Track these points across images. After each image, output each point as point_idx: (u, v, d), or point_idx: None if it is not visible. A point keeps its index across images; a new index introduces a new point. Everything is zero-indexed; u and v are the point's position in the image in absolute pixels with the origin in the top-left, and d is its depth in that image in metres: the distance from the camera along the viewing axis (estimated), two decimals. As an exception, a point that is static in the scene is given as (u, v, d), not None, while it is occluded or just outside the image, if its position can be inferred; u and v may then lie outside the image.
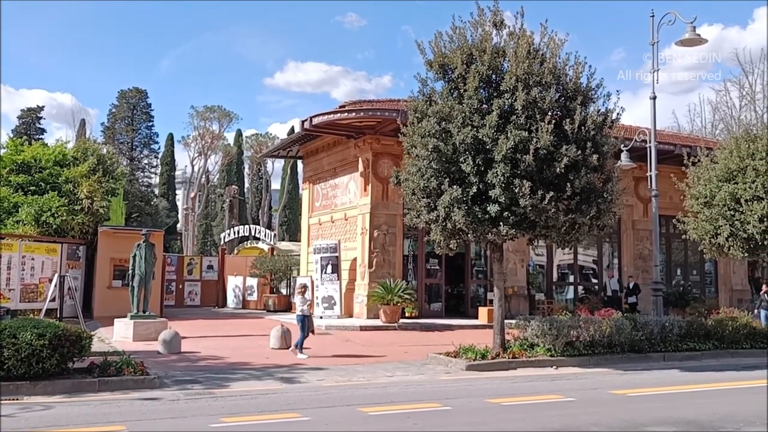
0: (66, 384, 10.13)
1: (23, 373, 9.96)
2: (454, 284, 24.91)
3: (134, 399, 9.54)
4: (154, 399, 9.58)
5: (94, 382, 10.29)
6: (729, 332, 16.08)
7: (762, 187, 16.32)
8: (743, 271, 28.45)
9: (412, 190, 13.78)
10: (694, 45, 17.36)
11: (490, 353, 13.61)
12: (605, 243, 26.76)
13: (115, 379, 10.45)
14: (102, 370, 10.65)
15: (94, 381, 10.31)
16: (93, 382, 10.29)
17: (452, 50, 13.59)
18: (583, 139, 12.87)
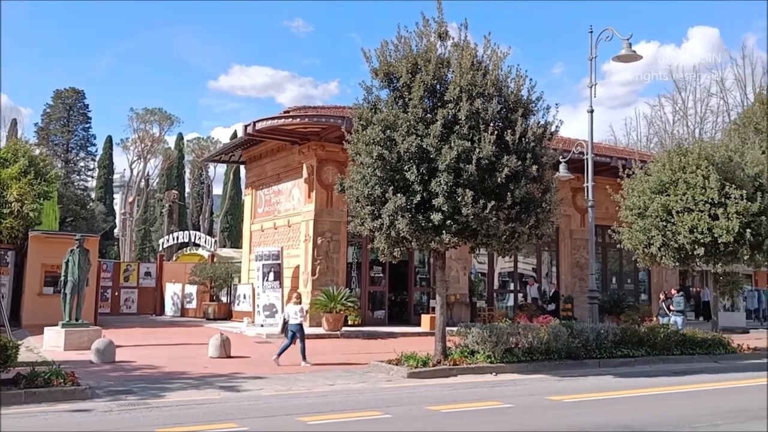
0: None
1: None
2: (398, 292, 25.02)
3: (63, 411, 9.20)
4: (84, 411, 9.27)
5: (20, 393, 9.78)
6: (661, 339, 16.58)
7: (692, 199, 16.94)
8: (675, 280, 29.43)
9: (356, 197, 13.79)
10: (630, 61, 17.92)
11: (431, 360, 13.70)
12: (544, 251, 27.32)
13: (43, 390, 9.97)
14: (29, 381, 10.12)
15: (20, 392, 9.79)
16: (19, 393, 9.77)
17: (398, 59, 13.68)
18: (524, 150, 13.13)
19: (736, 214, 16.43)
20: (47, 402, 9.75)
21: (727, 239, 16.49)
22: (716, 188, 16.66)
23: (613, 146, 40.43)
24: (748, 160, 17.91)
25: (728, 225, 16.40)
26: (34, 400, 9.75)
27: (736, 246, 16.81)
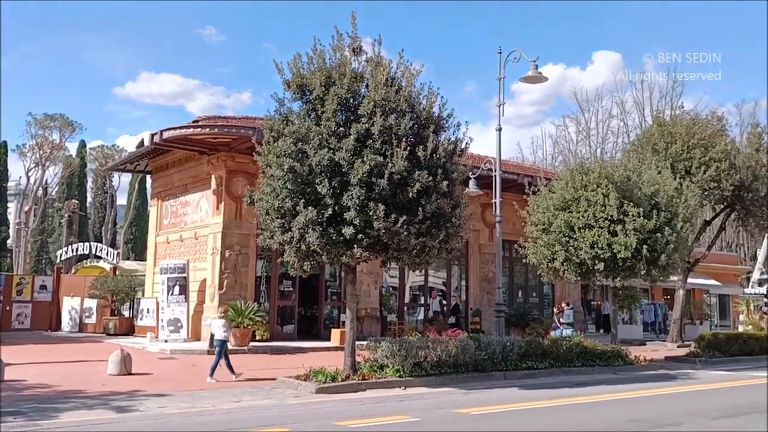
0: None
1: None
2: (308, 306, 24.79)
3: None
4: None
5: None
6: (563, 351, 17.10)
7: (593, 216, 17.61)
8: (577, 294, 30.53)
9: (266, 210, 13.60)
10: (536, 82, 18.53)
11: (340, 375, 13.61)
12: (454, 265, 27.76)
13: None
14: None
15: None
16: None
17: (311, 72, 13.62)
18: (435, 166, 13.31)
19: (633, 231, 17.18)
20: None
21: (625, 255, 17.20)
22: (615, 206, 17.37)
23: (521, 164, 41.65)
24: (645, 179, 18.79)
25: (626, 241, 17.13)
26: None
27: (634, 261, 17.57)
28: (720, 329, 33.16)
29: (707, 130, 25.03)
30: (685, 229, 18.70)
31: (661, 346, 26.40)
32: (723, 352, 20.80)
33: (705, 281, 36.20)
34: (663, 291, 35.36)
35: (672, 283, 27.19)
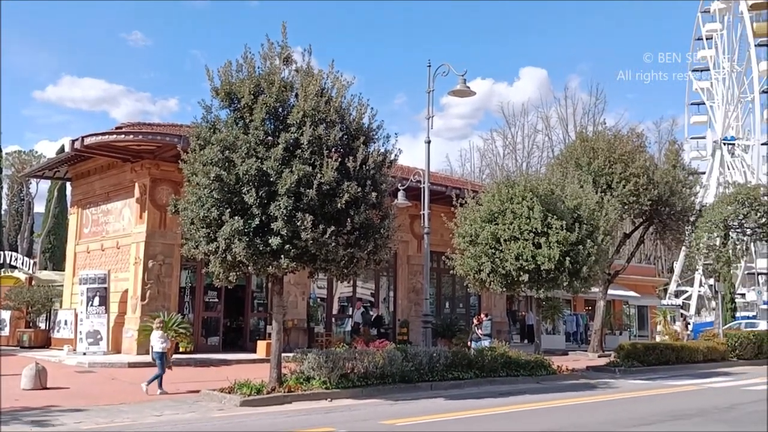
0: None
1: None
2: (234, 317, 24.36)
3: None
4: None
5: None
6: (488, 361, 17.33)
7: (518, 228, 17.96)
8: (503, 305, 31.04)
9: (191, 219, 13.31)
10: (464, 96, 18.84)
11: (265, 388, 13.40)
12: (382, 276, 27.81)
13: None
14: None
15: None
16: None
17: (240, 80, 13.46)
18: (364, 177, 13.34)
19: (557, 244, 17.61)
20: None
21: (548, 266, 17.61)
22: (540, 219, 17.78)
23: (449, 176, 42.23)
24: (568, 193, 19.31)
25: (550, 253, 17.54)
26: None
27: (557, 273, 18.00)
28: (638, 339, 34.24)
29: (627, 146, 25.95)
30: (606, 242, 19.30)
31: (583, 355, 27.11)
32: (641, 362, 21.48)
33: (624, 292, 37.41)
34: (585, 302, 36.34)
35: (593, 294, 28.03)
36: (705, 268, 34.94)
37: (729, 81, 68.01)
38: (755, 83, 65.37)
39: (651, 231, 28.94)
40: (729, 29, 69.29)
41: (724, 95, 68.23)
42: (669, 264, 71.23)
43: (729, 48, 68.86)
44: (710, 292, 45.59)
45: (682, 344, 24.43)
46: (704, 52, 70.55)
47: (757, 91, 65.24)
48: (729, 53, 68.53)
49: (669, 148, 30.43)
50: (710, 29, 70.06)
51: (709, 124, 70.26)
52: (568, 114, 67.51)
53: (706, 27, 70.47)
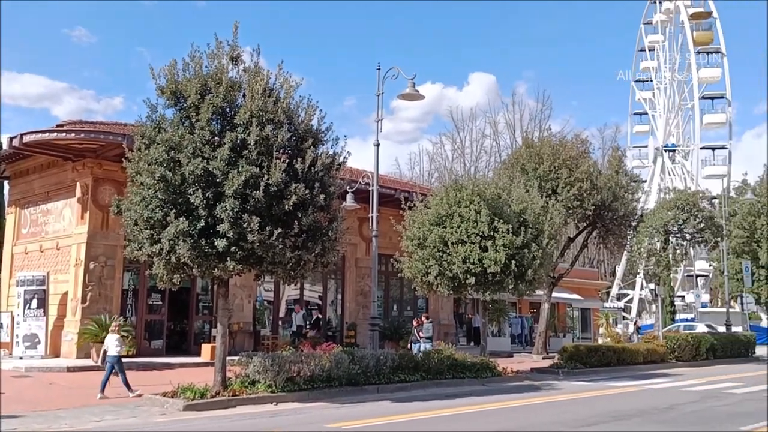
0: None
1: None
2: (178, 320, 23.94)
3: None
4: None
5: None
6: (435, 364, 17.44)
7: (465, 231, 18.13)
8: (450, 307, 31.26)
9: (134, 220, 13.03)
10: (413, 99, 18.89)
11: (209, 392, 13.20)
12: (331, 279, 27.70)
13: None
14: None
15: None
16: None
17: (187, 79, 13.26)
18: (312, 179, 13.27)
19: (503, 247, 17.83)
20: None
21: (495, 270, 17.81)
22: (486, 222, 17.97)
23: (398, 179, 42.39)
24: (515, 197, 19.58)
25: (496, 256, 17.75)
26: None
27: (503, 276, 18.22)
28: (581, 341, 34.98)
29: (572, 151, 26.43)
30: (551, 246, 19.63)
31: (528, 357, 27.52)
32: (584, 364, 21.91)
33: (568, 295, 38.11)
34: (530, 305, 36.90)
35: (538, 297, 28.51)
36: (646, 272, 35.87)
37: (670, 90, 70.18)
38: (695, 90, 67.59)
39: (594, 235, 29.55)
40: (670, 40, 71.56)
41: (665, 104, 70.36)
42: (611, 267, 72.91)
43: (670, 58, 71.09)
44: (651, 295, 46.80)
45: (623, 346, 24.99)
46: (647, 63, 72.83)
47: (697, 98, 67.43)
48: (670, 63, 70.76)
49: (612, 155, 31.11)
50: (652, 40, 72.31)
51: (651, 132, 72.39)
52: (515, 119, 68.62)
53: (648, 38, 72.77)
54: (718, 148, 68.63)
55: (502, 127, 68.50)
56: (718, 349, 28.33)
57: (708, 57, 68.62)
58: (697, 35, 68.09)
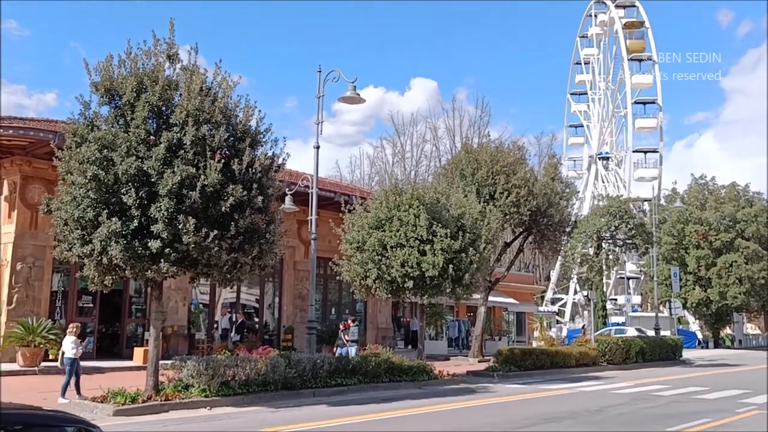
0: None
1: None
2: (110, 323, 23.31)
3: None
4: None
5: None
6: (372, 367, 17.45)
7: (404, 235, 18.23)
8: (388, 311, 31.36)
9: (65, 220, 12.63)
10: (354, 103, 18.91)
11: (141, 396, 12.88)
12: (268, 282, 27.43)
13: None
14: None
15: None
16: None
17: (122, 76, 12.95)
18: (250, 180, 13.12)
19: (441, 251, 18.00)
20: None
21: (433, 273, 17.97)
22: (425, 226, 18.12)
23: (338, 182, 42.33)
24: (453, 202, 19.79)
25: (434, 260, 17.90)
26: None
27: (441, 280, 18.39)
28: (517, 345, 35.50)
29: (509, 158, 26.90)
30: (488, 250, 19.92)
31: (464, 360, 27.82)
32: (518, 367, 22.26)
33: (504, 299, 38.74)
34: (467, 308, 37.32)
35: (475, 300, 28.85)
36: (579, 277, 36.76)
37: (604, 99, 72.47)
38: (628, 95, 69.98)
39: (530, 240, 30.10)
40: (605, 52, 74.04)
41: (600, 114, 72.59)
42: (546, 272, 74.51)
43: (605, 68, 73.48)
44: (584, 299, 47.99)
45: (556, 349, 25.51)
46: (582, 76, 75.30)
47: (630, 103, 69.71)
48: (604, 74, 73.11)
49: (548, 162, 31.83)
50: (588, 54, 74.70)
51: (585, 141, 74.52)
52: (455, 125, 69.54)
53: (584, 51, 75.12)
54: (649, 151, 71.23)
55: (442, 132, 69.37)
56: (647, 352, 29.23)
57: (640, 65, 71.29)
58: (630, 44, 70.81)
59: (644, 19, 72.55)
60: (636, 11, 73.46)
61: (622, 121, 72.27)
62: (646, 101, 71.43)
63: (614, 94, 72.43)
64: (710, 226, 44.92)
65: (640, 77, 70.24)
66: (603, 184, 70.29)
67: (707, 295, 44.36)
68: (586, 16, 77.00)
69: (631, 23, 72.14)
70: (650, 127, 70.73)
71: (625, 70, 69.90)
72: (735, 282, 43.13)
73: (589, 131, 73.97)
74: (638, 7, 73.37)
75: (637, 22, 72.40)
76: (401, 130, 69.95)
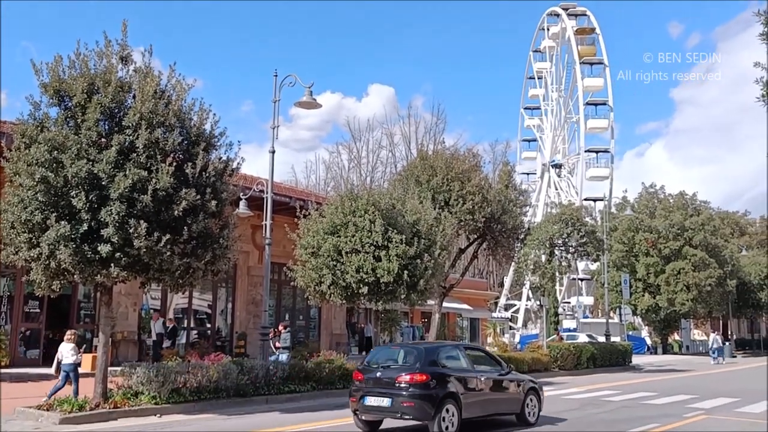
0: None
1: None
2: (58, 329, 22.67)
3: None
4: None
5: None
6: (326, 374, 17.41)
7: (360, 241, 18.22)
8: (342, 317, 31.29)
9: (11, 222, 12.31)
10: (310, 108, 18.88)
11: (89, 404, 12.62)
12: (221, 288, 27.12)
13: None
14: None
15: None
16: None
17: (73, 77, 12.71)
18: (204, 185, 12.99)
19: (396, 257, 18.04)
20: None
21: (388, 279, 17.98)
22: (381, 232, 18.13)
23: (294, 187, 42.10)
24: (409, 208, 19.87)
25: (389, 266, 17.93)
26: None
27: (395, 286, 18.42)
28: (470, 350, 35.74)
29: (464, 165, 27.07)
30: (442, 256, 20.02)
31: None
32: (471, 372, 22.36)
33: (458, 305, 39.01)
34: (421, 314, 37.49)
35: (429, 306, 28.97)
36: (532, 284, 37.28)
37: (557, 108, 73.90)
38: (580, 99, 71.61)
39: (484, 247, 30.32)
40: (557, 63, 75.69)
41: (552, 123, 73.96)
42: (500, 278, 75.27)
43: (557, 79, 75.08)
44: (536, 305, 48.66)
45: (509, 355, 25.71)
46: (535, 90, 77.08)
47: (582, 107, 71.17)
48: (557, 83, 74.69)
49: (502, 169, 32.13)
50: (540, 68, 76.29)
51: (539, 150, 75.86)
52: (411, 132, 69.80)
53: (536, 65, 76.76)
54: (601, 151, 72.98)
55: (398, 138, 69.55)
56: (598, 358, 29.78)
57: (591, 68, 73.15)
58: (582, 49, 72.86)
59: (595, 26, 74.58)
60: (587, 20, 75.54)
61: (574, 127, 73.80)
62: (598, 102, 73.30)
63: (566, 102, 74.15)
64: (659, 234, 45.95)
65: (591, 80, 72.30)
66: (556, 191, 71.51)
67: (656, 302, 45.35)
68: (539, 30, 78.65)
69: (582, 29, 74.44)
70: (601, 127, 72.49)
71: (577, 73, 71.66)
72: (683, 289, 44.19)
73: (542, 142, 75.39)
74: (589, 16, 75.57)
75: (588, 29, 74.72)
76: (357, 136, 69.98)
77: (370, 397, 11.22)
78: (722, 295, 47.95)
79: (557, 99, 74.36)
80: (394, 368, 11.56)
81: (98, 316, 20.97)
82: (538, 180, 74.20)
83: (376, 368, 11.82)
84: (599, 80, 72.36)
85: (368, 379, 11.56)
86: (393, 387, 11.00)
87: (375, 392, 11.21)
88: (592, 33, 74.48)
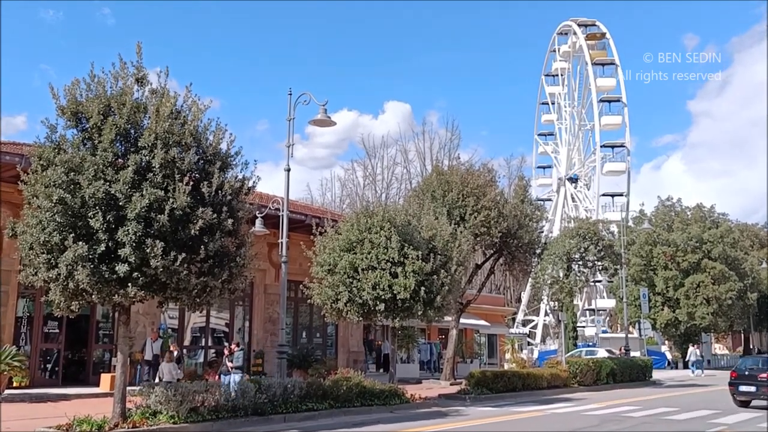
0: None
1: None
2: (77, 349, 22.86)
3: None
4: None
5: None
6: (343, 392, 17.32)
7: (376, 258, 18.22)
8: (359, 334, 31.18)
9: (30, 244, 12.39)
10: (325, 125, 18.96)
11: (107, 424, 12.62)
12: (238, 306, 27.15)
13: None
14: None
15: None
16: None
17: (89, 99, 12.83)
18: (220, 203, 13.04)
19: (412, 273, 18.01)
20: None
21: (404, 296, 17.95)
22: (397, 248, 18.13)
23: (309, 205, 42.21)
24: (424, 224, 19.86)
25: (406, 283, 17.90)
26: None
27: (412, 302, 18.38)
28: (488, 367, 35.56)
29: (480, 180, 27.08)
30: (459, 272, 19.97)
31: (436, 384, 27.73)
32: (490, 389, 22.26)
33: (476, 321, 38.75)
34: (438, 331, 37.26)
35: (446, 323, 28.84)
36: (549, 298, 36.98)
37: (570, 121, 74.04)
38: (594, 100, 71.54)
39: (500, 262, 30.23)
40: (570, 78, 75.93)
41: (566, 139, 74.01)
42: (517, 294, 74.84)
43: (570, 92, 75.28)
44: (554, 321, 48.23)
45: (528, 371, 25.59)
46: (548, 116, 77.56)
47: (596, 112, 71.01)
48: (569, 99, 74.97)
49: (518, 184, 32.07)
50: (552, 91, 76.87)
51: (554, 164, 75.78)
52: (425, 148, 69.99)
53: (549, 89, 77.29)
54: (617, 146, 73.10)
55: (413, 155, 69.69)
56: (617, 373, 29.44)
57: (603, 69, 74.09)
58: (593, 53, 73.24)
59: (605, 31, 75.05)
60: (597, 28, 75.95)
61: (589, 135, 73.86)
62: (612, 99, 73.65)
63: (580, 112, 74.34)
64: (677, 248, 45.54)
65: (604, 80, 73.00)
66: (573, 203, 71.25)
67: (675, 316, 44.85)
68: (550, 52, 78.96)
69: (593, 35, 75.12)
70: (615, 123, 72.55)
71: (589, 74, 72.20)
72: (702, 302, 43.69)
73: (557, 161, 75.42)
74: (599, 26, 75.81)
75: (598, 34, 75.32)
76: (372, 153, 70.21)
77: (742, 386, 19.08)
78: (743, 309, 47.34)
79: (570, 112, 74.44)
80: (756, 369, 19.28)
81: (116, 336, 21.07)
82: (554, 194, 73.96)
83: (744, 369, 19.81)
84: (611, 80, 73.37)
85: (740, 375, 19.50)
86: (756, 380, 18.72)
87: (745, 383, 19.07)
88: (602, 38, 75.20)
